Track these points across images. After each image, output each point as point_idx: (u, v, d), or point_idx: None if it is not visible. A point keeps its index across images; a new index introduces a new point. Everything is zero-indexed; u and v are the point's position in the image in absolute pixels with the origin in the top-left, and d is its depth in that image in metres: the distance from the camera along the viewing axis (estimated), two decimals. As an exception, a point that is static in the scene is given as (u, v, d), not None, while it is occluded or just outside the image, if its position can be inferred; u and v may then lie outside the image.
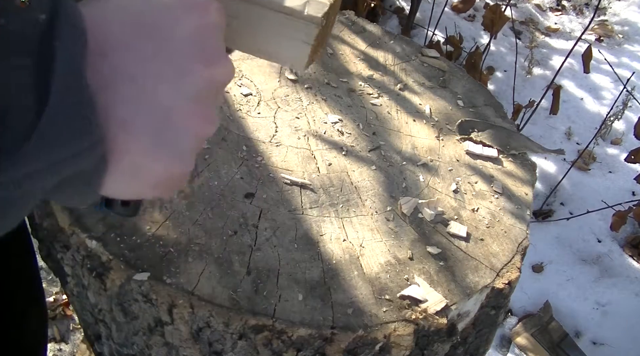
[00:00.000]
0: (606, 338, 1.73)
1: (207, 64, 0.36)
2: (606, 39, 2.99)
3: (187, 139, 0.36)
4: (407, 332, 0.70)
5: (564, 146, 2.29)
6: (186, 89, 0.35)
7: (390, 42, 1.20)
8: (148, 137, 0.34)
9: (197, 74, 0.35)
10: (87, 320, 0.89)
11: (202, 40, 0.36)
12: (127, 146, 0.33)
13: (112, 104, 0.32)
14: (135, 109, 0.33)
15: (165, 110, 0.34)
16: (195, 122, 0.35)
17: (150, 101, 0.33)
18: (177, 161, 0.36)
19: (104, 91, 0.31)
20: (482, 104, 1.11)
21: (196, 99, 0.35)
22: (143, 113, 0.33)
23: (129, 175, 0.35)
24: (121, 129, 0.32)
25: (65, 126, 0.29)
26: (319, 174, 0.87)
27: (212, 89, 0.36)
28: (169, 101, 0.34)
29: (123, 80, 0.32)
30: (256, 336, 0.68)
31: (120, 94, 0.32)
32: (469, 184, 0.92)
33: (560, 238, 2.00)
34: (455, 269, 0.79)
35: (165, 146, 0.35)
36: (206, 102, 0.36)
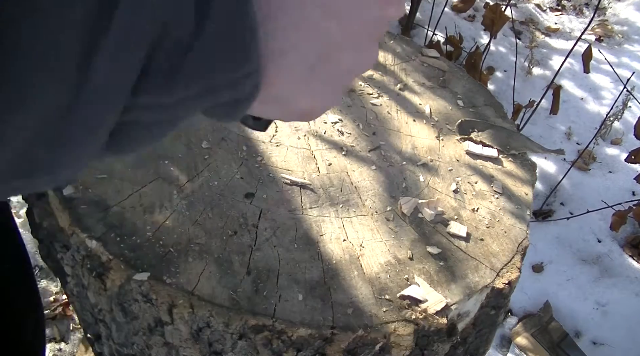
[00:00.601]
0: (606, 338, 1.73)
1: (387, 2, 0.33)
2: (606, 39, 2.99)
3: (342, 74, 0.34)
4: (407, 332, 0.70)
5: (564, 146, 2.29)
6: (354, 24, 0.32)
7: (390, 42, 1.21)
8: (302, 71, 0.32)
9: (370, 11, 0.33)
10: (87, 320, 0.89)
11: None
12: (280, 77, 0.31)
13: (273, 31, 0.29)
14: (296, 40, 0.30)
15: (327, 46, 0.32)
16: (355, 57, 0.33)
17: (312, 34, 0.31)
18: (327, 97, 0.34)
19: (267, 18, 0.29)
20: (482, 104, 1.11)
21: (364, 36, 0.33)
22: (302, 45, 0.31)
23: (276, 103, 0.33)
24: (277, 59, 0.30)
25: (224, 52, 0.27)
26: (319, 174, 0.87)
27: (380, 29, 0.34)
28: (333, 36, 0.31)
29: (287, 9, 0.30)
30: (256, 336, 0.68)
31: (283, 22, 0.30)
32: (469, 184, 0.92)
33: (560, 238, 2.00)
34: (455, 269, 0.79)
35: (319, 81, 0.33)
36: (371, 38, 0.34)
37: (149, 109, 0.27)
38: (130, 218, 0.75)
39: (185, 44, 0.25)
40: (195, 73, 0.26)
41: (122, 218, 0.75)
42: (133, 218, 0.75)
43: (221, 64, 0.27)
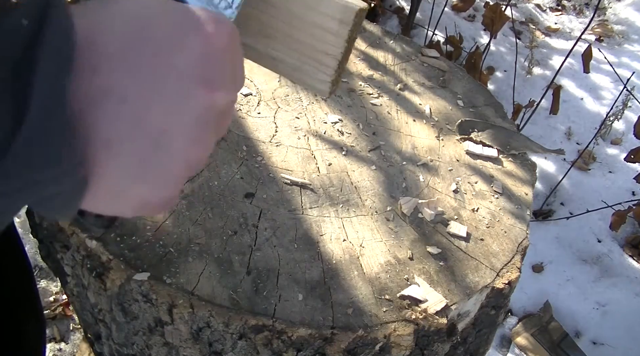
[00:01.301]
0: (606, 338, 1.73)
1: (209, 88, 0.32)
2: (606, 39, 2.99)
3: (176, 166, 0.33)
4: (407, 332, 0.70)
5: (564, 146, 2.29)
6: (182, 114, 0.31)
7: (390, 42, 1.21)
8: (133, 161, 0.31)
9: (196, 99, 0.32)
10: (87, 320, 0.89)
11: (208, 62, 0.32)
12: (109, 168, 0.30)
13: (98, 122, 0.29)
14: (123, 130, 0.30)
15: (155, 133, 0.31)
16: (188, 148, 0.33)
17: (139, 123, 0.30)
18: (162, 187, 0.33)
19: (90, 109, 0.29)
20: (482, 104, 1.11)
21: (192, 124, 0.32)
22: (130, 135, 0.30)
23: (110, 196, 0.32)
24: (104, 150, 0.30)
25: (42, 148, 0.27)
26: (319, 174, 0.87)
27: (211, 115, 0.33)
28: (161, 124, 0.31)
29: (113, 98, 0.29)
30: (256, 336, 0.68)
31: (108, 113, 0.29)
32: (469, 184, 0.92)
33: (560, 238, 2.00)
34: (455, 269, 0.79)
35: (151, 171, 0.32)
36: (203, 127, 0.33)
37: None
38: (130, 218, 0.75)
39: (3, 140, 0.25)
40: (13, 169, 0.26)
41: (122, 218, 0.75)
42: (133, 218, 0.75)
43: (40, 160, 0.27)
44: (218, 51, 0.33)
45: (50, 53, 0.26)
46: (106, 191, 0.31)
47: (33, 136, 0.26)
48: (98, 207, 0.33)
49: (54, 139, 0.27)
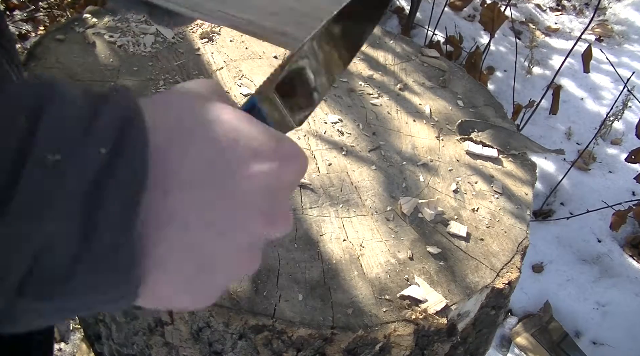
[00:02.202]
0: (606, 338, 1.73)
1: (267, 223, 0.32)
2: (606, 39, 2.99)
3: (222, 281, 0.33)
4: (407, 332, 0.70)
5: (564, 146, 2.29)
6: (237, 243, 0.32)
7: (390, 42, 1.20)
8: (182, 279, 0.31)
9: (254, 232, 0.32)
10: (87, 320, 0.89)
11: (268, 199, 0.32)
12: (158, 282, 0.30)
13: (158, 244, 0.29)
14: (178, 252, 0.30)
15: (207, 257, 0.31)
16: (235, 268, 0.33)
17: (193, 248, 0.30)
18: (206, 297, 0.34)
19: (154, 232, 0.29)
20: (482, 104, 1.11)
21: (244, 250, 0.32)
22: (183, 257, 0.30)
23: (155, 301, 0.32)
24: (156, 266, 0.30)
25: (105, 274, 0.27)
26: (319, 174, 0.87)
27: (262, 241, 0.33)
28: (214, 251, 0.31)
29: (175, 223, 0.29)
30: (256, 336, 0.68)
31: (169, 238, 0.29)
32: (469, 184, 0.92)
33: (560, 238, 2.00)
34: (455, 269, 0.79)
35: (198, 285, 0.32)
36: (254, 251, 0.33)
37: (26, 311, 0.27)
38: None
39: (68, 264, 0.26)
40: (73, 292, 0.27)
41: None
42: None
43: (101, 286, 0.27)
44: (287, 185, 0.33)
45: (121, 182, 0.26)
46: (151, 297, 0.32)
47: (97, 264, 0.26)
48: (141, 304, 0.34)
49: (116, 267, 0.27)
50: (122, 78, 0.94)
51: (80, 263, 0.26)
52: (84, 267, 0.26)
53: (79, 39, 1.00)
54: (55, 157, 0.24)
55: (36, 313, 0.27)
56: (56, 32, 1.00)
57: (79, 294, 0.27)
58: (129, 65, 0.97)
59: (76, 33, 1.01)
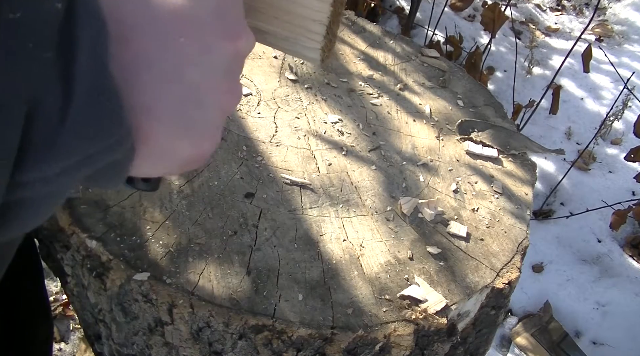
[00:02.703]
0: (606, 338, 1.73)
1: (231, 38, 0.34)
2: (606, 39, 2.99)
3: (214, 115, 0.35)
4: (407, 332, 0.70)
5: (564, 146, 2.29)
6: (211, 66, 0.34)
7: (390, 42, 1.21)
8: (173, 120, 0.33)
9: (221, 50, 0.34)
10: (87, 320, 0.89)
11: (224, 14, 0.34)
12: (152, 131, 0.32)
13: (135, 90, 0.31)
14: (159, 93, 0.32)
15: (190, 90, 0.33)
16: (221, 97, 0.35)
17: (173, 84, 0.32)
18: (205, 137, 0.35)
19: (127, 78, 0.30)
20: (482, 104, 1.11)
21: (221, 75, 0.34)
22: (167, 96, 0.32)
23: (156, 157, 0.34)
24: (145, 115, 0.31)
25: (94, 120, 0.28)
26: (319, 174, 0.87)
27: (236, 62, 0.35)
28: (193, 80, 0.33)
29: (144, 65, 0.31)
30: (256, 336, 0.68)
31: (142, 80, 0.31)
32: (469, 184, 0.92)
33: (560, 237, 2.00)
34: (455, 269, 0.79)
35: (192, 125, 0.34)
36: (231, 76, 0.35)
37: (32, 185, 0.28)
38: (130, 218, 0.75)
39: (56, 118, 0.27)
40: (70, 144, 0.28)
41: (122, 218, 0.75)
42: (133, 218, 0.75)
43: (94, 131, 0.28)
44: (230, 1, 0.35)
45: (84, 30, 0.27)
46: (151, 154, 0.33)
47: (85, 109, 0.28)
48: (145, 171, 0.35)
49: (103, 109, 0.28)
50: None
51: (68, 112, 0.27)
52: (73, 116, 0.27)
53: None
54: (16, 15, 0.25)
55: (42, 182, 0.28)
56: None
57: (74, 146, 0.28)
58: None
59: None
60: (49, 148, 0.27)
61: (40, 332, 0.90)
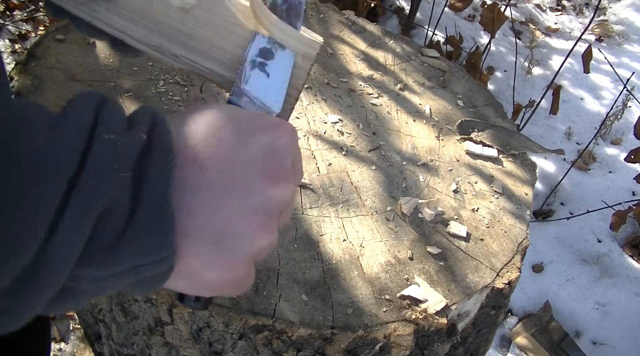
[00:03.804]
0: (606, 338, 1.73)
1: (273, 182, 0.37)
2: (606, 39, 2.99)
3: (244, 250, 0.37)
4: (407, 332, 0.70)
5: (564, 146, 2.29)
6: (249, 204, 0.36)
7: (390, 42, 1.20)
8: (207, 245, 0.35)
9: (262, 191, 0.37)
10: (87, 320, 0.89)
11: (272, 159, 0.38)
12: (187, 250, 0.35)
13: (180, 211, 0.34)
14: (199, 218, 0.35)
15: (226, 222, 0.36)
16: (254, 234, 0.37)
17: (213, 213, 0.35)
18: (230, 271, 0.37)
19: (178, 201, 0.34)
20: (482, 104, 1.11)
21: (258, 213, 0.37)
22: (205, 223, 0.35)
23: (187, 277, 0.36)
24: (183, 236, 0.34)
25: (150, 235, 0.32)
26: (319, 174, 0.87)
27: (275, 204, 0.38)
28: (231, 214, 0.36)
29: (192, 191, 0.35)
30: (256, 336, 0.68)
31: (188, 203, 0.34)
32: (469, 184, 0.92)
33: (560, 238, 2.00)
34: (455, 269, 0.79)
35: (222, 254, 0.36)
36: (267, 215, 0.38)
37: (84, 279, 0.32)
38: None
39: (121, 227, 0.31)
40: (127, 253, 0.32)
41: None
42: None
43: (149, 246, 0.32)
44: (280, 148, 0.39)
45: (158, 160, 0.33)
46: (183, 272, 0.36)
47: (143, 224, 0.32)
48: (177, 286, 0.38)
49: (159, 228, 0.32)
50: (122, 78, 0.94)
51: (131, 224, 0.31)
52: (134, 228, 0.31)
53: (79, 39, 1.00)
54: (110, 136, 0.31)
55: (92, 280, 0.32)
56: (56, 32, 1.00)
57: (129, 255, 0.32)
58: (129, 65, 0.97)
59: (76, 33, 1.01)
60: (107, 252, 0.31)
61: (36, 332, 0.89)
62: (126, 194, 0.31)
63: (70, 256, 0.30)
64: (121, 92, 0.91)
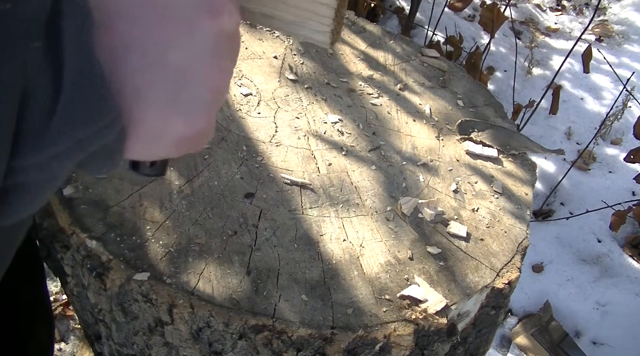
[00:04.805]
0: (606, 338, 1.73)
1: (214, 15, 0.34)
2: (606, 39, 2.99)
3: (204, 94, 0.35)
4: (407, 332, 0.70)
5: (564, 146, 2.29)
6: (196, 47, 0.34)
7: (390, 42, 1.21)
8: (164, 102, 0.33)
9: (205, 29, 0.34)
10: (87, 320, 0.89)
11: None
12: (144, 114, 0.33)
13: (124, 75, 0.31)
14: (148, 76, 0.32)
15: (178, 71, 0.33)
16: (210, 75, 0.35)
17: (161, 66, 0.33)
18: (196, 117, 0.35)
19: (114, 63, 0.31)
20: (482, 104, 1.11)
21: (208, 54, 0.34)
22: (156, 79, 0.33)
23: (151, 139, 0.34)
24: (136, 99, 0.32)
25: (82, 106, 0.29)
26: (319, 174, 0.87)
27: (222, 39, 0.35)
28: (180, 61, 0.33)
29: (132, 50, 0.32)
30: (256, 336, 0.68)
31: (131, 64, 0.32)
32: (469, 184, 0.92)
33: (560, 238, 2.00)
34: (455, 269, 0.79)
35: (182, 105, 0.34)
36: (218, 54, 0.35)
37: (27, 170, 0.29)
38: (130, 218, 0.75)
39: (47, 106, 0.28)
40: (60, 130, 0.29)
41: (122, 218, 0.75)
42: (133, 218, 0.75)
43: (83, 117, 0.29)
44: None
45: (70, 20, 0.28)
46: (145, 136, 0.34)
47: (73, 95, 0.29)
48: (142, 153, 0.36)
49: (91, 95, 0.29)
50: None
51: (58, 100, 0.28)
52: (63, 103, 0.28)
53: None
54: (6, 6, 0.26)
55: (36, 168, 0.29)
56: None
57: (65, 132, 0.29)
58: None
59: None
60: (41, 135, 0.28)
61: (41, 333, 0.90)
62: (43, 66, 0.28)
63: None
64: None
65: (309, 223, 0.80)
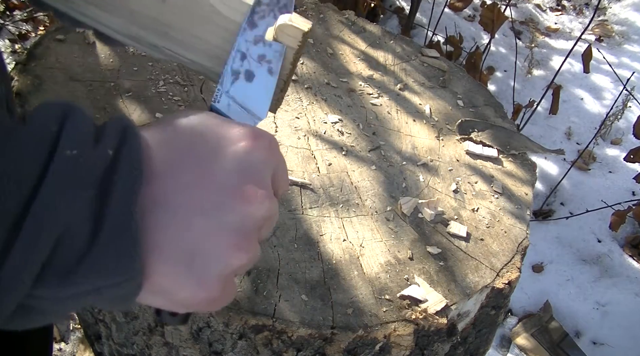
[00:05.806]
0: (606, 338, 1.73)
1: (248, 200, 0.35)
2: (606, 39, 2.99)
3: (217, 269, 0.35)
4: (407, 332, 0.70)
5: (564, 146, 2.29)
6: (220, 222, 0.35)
7: (390, 42, 1.21)
8: (177, 265, 0.34)
9: (235, 210, 0.35)
10: (87, 320, 0.89)
11: (247, 175, 0.36)
12: (157, 270, 0.33)
13: (148, 229, 0.33)
14: (169, 236, 0.33)
15: (196, 242, 0.34)
16: (227, 254, 0.35)
17: (182, 231, 0.34)
18: (204, 290, 0.35)
19: (144, 217, 0.32)
20: (482, 104, 1.11)
21: (231, 233, 0.35)
22: (174, 241, 0.33)
23: (159, 295, 0.35)
24: (153, 254, 0.33)
25: (113, 259, 0.30)
26: (319, 174, 0.87)
27: (250, 222, 0.36)
28: (201, 232, 0.34)
29: (160, 208, 0.33)
30: (256, 336, 0.68)
31: (159, 221, 0.33)
32: (469, 184, 0.92)
33: (560, 237, 2.00)
34: (455, 269, 0.79)
35: (193, 274, 0.34)
36: (242, 234, 0.36)
37: (42, 299, 0.31)
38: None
39: (80, 250, 0.30)
40: (85, 276, 0.30)
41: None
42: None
43: (110, 269, 0.31)
44: (257, 163, 0.36)
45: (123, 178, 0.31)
46: (154, 290, 0.34)
47: (107, 247, 0.30)
48: (153, 303, 0.36)
49: (123, 251, 0.31)
50: (122, 78, 0.94)
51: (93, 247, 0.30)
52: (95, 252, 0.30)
53: (79, 39, 1.00)
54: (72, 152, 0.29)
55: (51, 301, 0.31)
56: (56, 32, 1.00)
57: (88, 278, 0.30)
58: (129, 65, 0.97)
59: (76, 33, 1.01)
60: (66, 274, 0.30)
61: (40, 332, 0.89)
62: (87, 214, 0.30)
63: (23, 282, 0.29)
64: (121, 92, 0.91)
65: (309, 223, 0.80)
